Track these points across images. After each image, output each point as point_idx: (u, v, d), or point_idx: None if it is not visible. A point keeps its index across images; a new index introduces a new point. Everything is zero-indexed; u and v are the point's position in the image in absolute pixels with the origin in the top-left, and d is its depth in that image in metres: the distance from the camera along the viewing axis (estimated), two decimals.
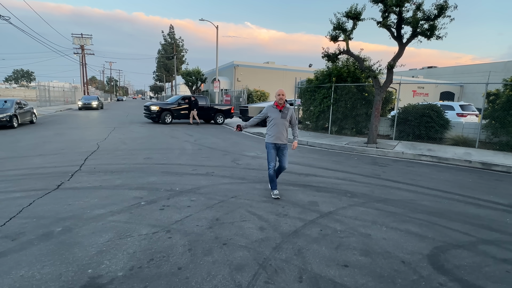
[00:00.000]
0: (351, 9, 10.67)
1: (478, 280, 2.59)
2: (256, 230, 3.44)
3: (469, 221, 3.97)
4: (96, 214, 3.70)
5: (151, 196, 4.42)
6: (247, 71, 29.12)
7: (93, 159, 6.81)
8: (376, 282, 2.51)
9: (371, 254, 2.99)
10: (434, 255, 3.01)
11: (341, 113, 13.10)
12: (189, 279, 2.44)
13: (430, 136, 11.23)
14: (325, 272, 2.63)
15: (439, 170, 7.30)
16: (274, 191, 4.64)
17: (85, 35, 38.68)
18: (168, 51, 57.13)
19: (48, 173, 5.53)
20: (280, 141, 4.61)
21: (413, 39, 10.07)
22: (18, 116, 13.02)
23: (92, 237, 3.08)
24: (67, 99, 35.52)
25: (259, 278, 2.49)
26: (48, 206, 3.90)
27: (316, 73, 14.42)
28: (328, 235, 3.39)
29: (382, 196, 4.93)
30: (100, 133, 11.42)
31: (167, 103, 16.86)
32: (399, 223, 3.80)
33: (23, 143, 8.88)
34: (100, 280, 2.39)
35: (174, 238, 3.15)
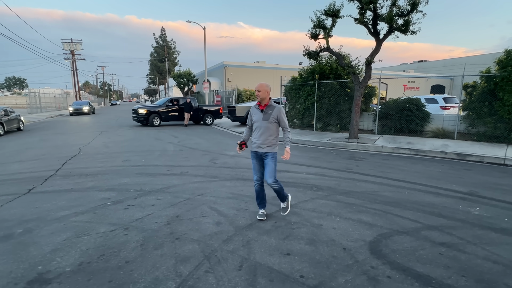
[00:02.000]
0: (330, 7, 10.81)
1: (409, 262, 2.75)
2: (213, 225, 3.59)
3: (422, 209, 4.14)
4: (60, 215, 3.83)
5: (119, 197, 4.56)
6: (237, 71, 29.24)
7: (71, 163, 6.93)
8: (311, 268, 2.66)
9: (316, 242, 3.15)
10: (376, 242, 3.17)
11: (325, 109, 13.27)
12: (133, 271, 2.58)
13: (411, 129, 11.42)
14: (266, 260, 2.78)
15: (413, 162, 7.48)
16: (259, 211, 3.83)
17: (75, 40, 38.65)
18: (160, 54, 57.13)
19: (23, 178, 5.65)
20: (261, 149, 3.63)
21: (389, 34, 10.25)
22: (4, 124, 13.08)
23: (50, 237, 3.22)
24: (59, 105, 35.48)
25: (200, 268, 2.64)
26: (14, 209, 4.03)
27: (300, 71, 14.59)
28: (280, 227, 3.54)
29: (347, 189, 5.09)
30: (85, 138, 11.52)
31: (155, 106, 16.97)
32: (353, 214, 3.96)
33: (5, 150, 8.97)
34: (47, 275, 2.53)
35: (130, 235, 3.29)
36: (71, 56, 38.40)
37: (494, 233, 3.40)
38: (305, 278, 2.51)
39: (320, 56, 13.11)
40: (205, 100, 23.75)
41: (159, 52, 57.94)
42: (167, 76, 47.43)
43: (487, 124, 9.64)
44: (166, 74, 47.38)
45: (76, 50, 38.45)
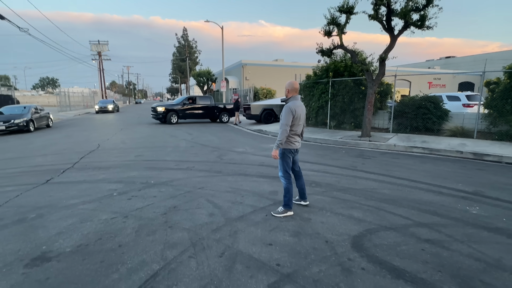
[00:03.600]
0: (344, 3, 10.70)
1: (387, 256, 2.79)
2: (206, 215, 3.78)
3: (418, 207, 4.10)
4: (69, 203, 4.18)
5: (125, 188, 4.87)
6: (255, 70, 29.41)
7: (89, 158, 7.41)
8: (289, 258, 2.78)
9: (301, 235, 3.25)
10: (360, 236, 3.22)
11: (339, 107, 13.14)
12: (123, 254, 2.83)
13: (428, 128, 11.08)
14: (247, 249, 2.93)
15: (424, 161, 7.30)
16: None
17: (102, 41, 40.54)
18: (182, 53, 58.46)
19: (44, 170, 6.14)
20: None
21: (404, 30, 10.00)
22: (35, 120, 14.06)
23: (57, 222, 3.55)
24: (87, 103, 37.37)
25: (185, 254, 2.83)
26: (31, 197, 4.44)
27: (315, 69, 14.52)
28: (270, 219, 3.67)
29: (346, 185, 5.11)
30: (106, 134, 12.16)
31: (173, 104, 17.52)
32: (345, 209, 4.01)
33: (33, 145, 9.71)
34: (49, 254, 2.82)
35: (128, 222, 3.56)
36: (98, 57, 40.33)
37: (487, 232, 3.33)
38: (281, 267, 2.63)
39: (334, 54, 13.00)
40: (223, 98, 24.13)
41: (181, 51, 59.31)
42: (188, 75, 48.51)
43: (510, 122, 9.18)
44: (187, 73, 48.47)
45: (103, 51, 40.32)
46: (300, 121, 3.76)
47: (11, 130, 12.91)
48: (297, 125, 3.74)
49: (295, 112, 3.64)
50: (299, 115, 3.70)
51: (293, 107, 3.65)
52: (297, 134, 3.83)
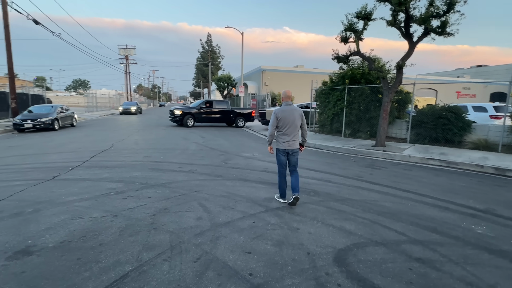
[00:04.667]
0: (362, 10, 10.51)
1: (369, 274, 2.62)
2: (193, 219, 3.76)
3: (418, 222, 3.85)
4: (67, 200, 4.32)
5: (124, 188, 4.98)
6: (275, 75, 29.42)
7: (99, 157, 7.67)
8: (264, 268, 2.68)
9: (283, 245, 3.14)
10: (346, 250, 3.06)
11: (354, 115, 12.82)
12: (101, 253, 2.86)
13: (448, 139, 10.51)
14: (224, 256, 2.87)
15: (438, 174, 6.92)
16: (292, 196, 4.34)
17: (129, 46, 42.38)
18: (206, 59, 59.71)
19: (54, 167, 6.42)
20: None
21: (424, 37, 9.64)
22: (59, 120, 14.84)
23: (50, 217, 3.67)
24: (113, 105, 39.01)
25: (160, 256, 2.82)
26: (34, 192, 4.64)
27: (331, 75, 14.29)
28: (256, 227, 3.59)
29: (346, 196, 4.92)
30: (122, 135, 12.59)
31: (190, 107, 17.87)
32: (338, 221, 3.84)
33: (53, 142, 10.22)
34: (32, 248, 2.91)
35: (116, 221, 3.61)
36: (125, 61, 42.12)
37: (488, 254, 3.06)
38: (253, 277, 2.54)
39: (351, 60, 12.74)
40: (241, 103, 24.30)
41: (205, 56, 60.61)
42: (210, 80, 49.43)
43: None
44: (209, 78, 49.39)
45: (130, 55, 42.09)
46: (286, 124, 4.31)
47: (38, 128, 13.68)
48: (283, 126, 4.32)
49: (279, 115, 4.33)
50: (282, 118, 4.31)
51: (277, 111, 4.39)
52: (285, 134, 4.32)
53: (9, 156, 7.66)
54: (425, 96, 32.34)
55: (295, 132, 4.36)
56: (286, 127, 4.31)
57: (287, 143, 4.33)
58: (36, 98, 21.41)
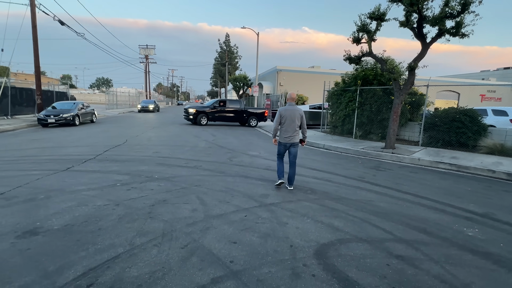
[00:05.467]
0: (375, 10, 10.43)
1: (346, 267, 2.72)
2: (189, 211, 3.97)
3: (409, 223, 3.88)
4: (76, 189, 4.66)
5: (129, 180, 5.28)
6: (290, 76, 29.43)
7: (112, 151, 8.08)
8: (246, 257, 2.84)
9: (269, 237, 3.29)
10: (329, 244, 3.16)
11: (366, 117, 12.70)
12: (99, 236, 3.12)
13: (462, 143, 10.24)
14: (210, 245, 3.05)
15: (445, 178, 6.81)
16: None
17: (149, 45, 43.64)
18: (223, 58, 60.42)
19: (69, 159, 6.86)
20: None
21: (438, 37, 9.47)
22: (80, 116, 15.60)
23: (59, 204, 4.00)
24: (132, 103, 40.30)
25: (152, 242, 3.04)
26: (48, 181, 5.02)
27: (343, 76, 14.22)
28: (247, 220, 3.75)
29: (342, 195, 4.99)
30: (137, 132, 13.09)
31: (203, 106, 18.24)
32: (328, 218, 3.93)
33: (72, 137, 10.81)
34: (39, 229, 3.22)
35: (117, 209, 3.88)
36: (145, 60, 43.41)
37: (472, 255, 3.07)
38: (233, 264, 2.71)
39: (363, 61, 12.64)
40: (255, 103, 24.50)
41: (222, 56, 61.34)
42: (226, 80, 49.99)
43: None
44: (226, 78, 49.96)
45: (150, 54, 43.34)
46: (288, 121, 5.12)
47: (60, 123, 14.46)
48: (285, 123, 5.15)
49: (282, 113, 5.17)
50: (285, 116, 5.14)
51: (281, 109, 5.23)
52: (286, 130, 5.15)
53: (30, 148, 8.22)
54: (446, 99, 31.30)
55: (295, 128, 5.16)
56: (287, 124, 5.14)
57: (288, 138, 5.17)
58: (61, 95, 22.53)
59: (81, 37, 21.46)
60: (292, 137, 5.16)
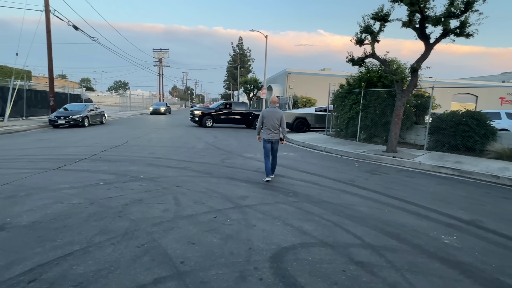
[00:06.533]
0: (379, 11, 10.23)
1: (298, 272, 2.63)
2: (160, 210, 3.98)
3: (383, 228, 3.73)
4: (59, 187, 4.77)
5: (113, 180, 5.36)
6: (300, 78, 29.24)
7: (108, 151, 8.26)
8: (198, 258, 2.80)
9: (231, 239, 3.24)
10: (289, 248, 3.08)
11: (370, 119, 12.42)
12: (61, 233, 3.17)
13: (469, 147, 9.80)
14: (168, 245, 3.03)
15: (442, 183, 6.54)
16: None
17: (163, 49, 44.61)
18: (236, 62, 60.90)
19: (64, 159, 7.06)
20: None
21: (443, 38, 9.16)
22: (89, 117, 16.09)
23: (36, 201, 4.10)
24: (146, 105, 41.18)
25: (110, 240, 3.06)
26: (35, 179, 5.18)
27: (348, 78, 13.99)
28: (215, 221, 3.71)
29: (324, 199, 4.87)
30: (141, 133, 13.34)
31: (209, 108, 18.41)
32: (300, 221, 3.84)
33: (75, 137, 11.15)
34: (6, 225, 3.31)
35: (90, 208, 3.94)
36: (159, 63, 44.35)
37: (440, 263, 2.91)
38: (183, 264, 2.68)
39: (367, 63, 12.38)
40: (263, 105, 24.50)
41: (235, 60, 61.85)
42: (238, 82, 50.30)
43: None
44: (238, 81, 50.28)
45: (163, 58, 44.25)
46: (269, 121, 5.83)
47: (70, 124, 14.96)
48: (266, 123, 5.87)
49: (264, 114, 5.91)
50: (267, 117, 5.86)
51: (263, 111, 5.97)
52: (268, 129, 5.86)
53: (31, 148, 8.53)
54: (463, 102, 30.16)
55: (275, 127, 5.84)
56: (268, 124, 5.84)
57: (269, 135, 5.86)
58: (75, 97, 23.33)
59: (95, 41, 22.17)
60: (273, 134, 5.85)
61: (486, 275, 2.74)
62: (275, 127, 5.82)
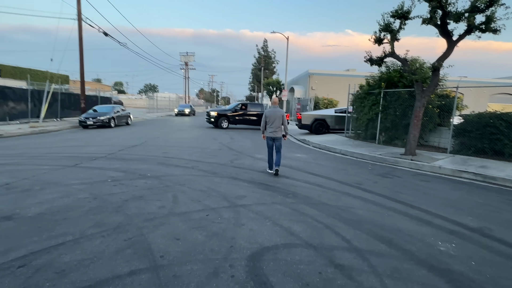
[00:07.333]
0: (399, 8, 9.89)
1: (272, 271, 2.63)
2: (156, 207, 4.14)
3: (377, 232, 3.60)
4: (71, 183, 5.11)
5: (121, 177, 5.64)
6: (322, 79, 28.80)
7: (125, 151, 8.68)
8: (179, 253, 2.89)
9: (216, 236, 3.29)
10: (271, 248, 3.07)
11: (390, 121, 11.97)
12: (60, 225, 3.40)
13: (497, 151, 9.13)
14: (154, 239, 3.15)
15: (460, 188, 6.17)
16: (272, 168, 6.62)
17: (189, 52, 45.98)
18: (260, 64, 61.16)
19: (83, 157, 7.52)
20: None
21: (467, 34, 8.66)
22: (115, 118, 16.97)
23: (47, 194, 4.43)
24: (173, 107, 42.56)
25: (102, 233, 3.24)
26: (51, 175, 5.58)
27: (368, 79, 13.59)
28: (206, 219, 3.79)
29: (323, 201, 4.78)
30: (161, 133, 13.84)
31: (225, 109, 18.64)
32: (291, 222, 3.81)
33: (99, 137, 11.81)
34: (14, 216, 3.61)
35: (92, 202, 4.19)
36: (185, 66, 45.73)
37: (427, 271, 2.76)
38: (162, 258, 2.78)
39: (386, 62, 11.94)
40: (283, 107, 24.43)
41: (260, 62, 62.11)
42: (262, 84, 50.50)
43: None
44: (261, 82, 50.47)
45: (189, 61, 45.57)
46: (271, 120, 6.42)
47: (97, 124, 15.88)
48: (269, 122, 6.46)
49: (267, 114, 6.50)
50: (269, 116, 6.45)
51: (266, 112, 6.58)
52: (271, 127, 6.45)
53: (57, 147, 9.18)
54: (504, 103, 28.02)
55: (277, 125, 6.43)
56: (271, 122, 6.45)
57: (272, 133, 6.47)
58: (105, 99, 24.69)
59: (124, 46, 23.34)
60: (275, 132, 6.46)
61: (476, 285, 2.57)
62: (278, 125, 6.41)
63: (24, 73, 31.78)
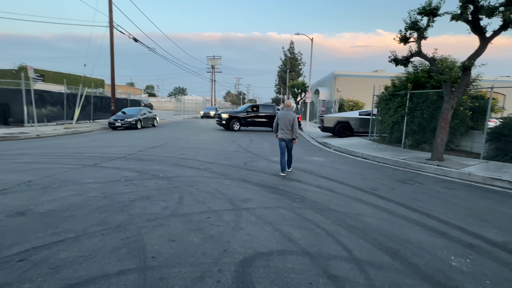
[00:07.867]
0: (426, 5, 9.40)
1: (260, 278, 2.54)
2: (160, 208, 4.20)
3: (383, 242, 3.38)
4: (86, 181, 5.35)
5: (134, 177, 5.81)
6: (348, 81, 28.03)
7: (144, 151, 8.97)
8: (172, 255, 2.89)
9: (211, 239, 3.27)
10: (264, 254, 2.98)
11: (416, 124, 11.34)
12: (67, 222, 3.56)
13: None
14: (149, 240, 3.19)
15: (488, 197, 5.67)
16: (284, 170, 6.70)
17: (216, 56, 46.90)
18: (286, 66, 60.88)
19: (104, 157, 7.87)
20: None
21: (503, 30, 8.01)
22: (142, 120, 17.66)
23: (62, 192, 4.67)
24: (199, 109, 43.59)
25: (102, 232, 3.34)
26: (71, 174, 5.88)
27: (394, 79, 12.98)
28: (205, 221, 3.78)
29: (332, 206, 4.59)
30: (183, 135, 14.18)
31: (237, 111, 18.58)
32: (292, 228, 3.69)
33: (124, 138, 12.34)
34: (28, 212, 3.83)
35: (101, 201, 4.34)
36: (212, 69, 46.69)
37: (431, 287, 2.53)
38: (153, 259, 2.79)
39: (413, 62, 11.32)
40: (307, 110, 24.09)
41: (286, 64, 61.84)
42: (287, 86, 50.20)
43: None
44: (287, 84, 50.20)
45: (216, 64, 46.46)
46: (282, 122, 6.55)
47: (125, 126, 16.63)
48: (280, 124, 6.58)
49: (279, 116, 6.63)
50: (281, 118, 6.57)
51: (278, 114, 6.70)
52: (282, 129, 6.59)
53: (84, 147, 9.70)
54: None
55: (288, 128, 6.55)
56: (282, 124, 6.57)
57: (283, 134, 6.59)
58: (134, 102, 25.83)
59: (152, 51, 24.28)
60: (286, 134, 6.57)
61: None
62: (288, 127, 6.54)
63: (65, 78, 34.16)
